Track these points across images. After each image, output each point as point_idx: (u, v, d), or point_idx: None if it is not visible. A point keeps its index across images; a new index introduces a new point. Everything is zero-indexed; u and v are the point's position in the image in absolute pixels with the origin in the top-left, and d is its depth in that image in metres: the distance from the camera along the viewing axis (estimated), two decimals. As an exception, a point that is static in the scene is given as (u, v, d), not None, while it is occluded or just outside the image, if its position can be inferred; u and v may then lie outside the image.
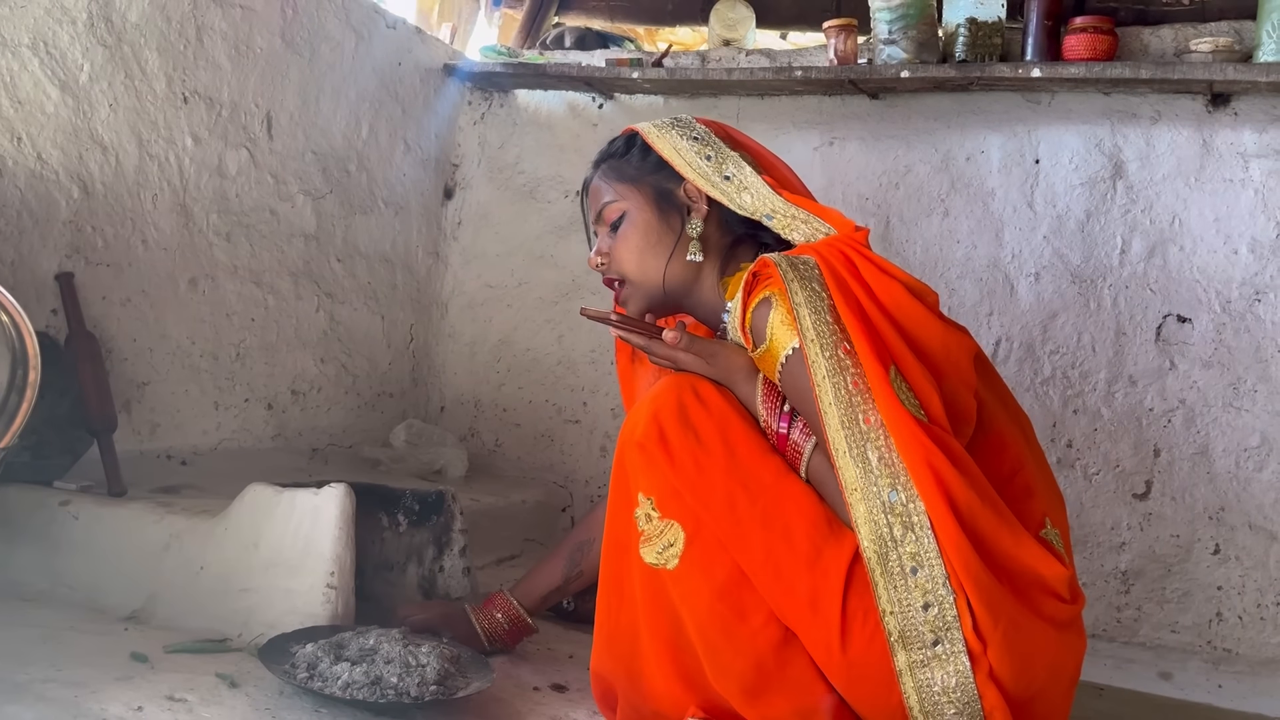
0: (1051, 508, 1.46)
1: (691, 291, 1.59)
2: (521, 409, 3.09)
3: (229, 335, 2.47)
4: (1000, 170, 2.63)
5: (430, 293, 3.16)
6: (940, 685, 1.28)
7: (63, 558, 1.82)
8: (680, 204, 1.58)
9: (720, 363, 1.46)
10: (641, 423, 1.40)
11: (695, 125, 1.61)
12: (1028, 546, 1.32)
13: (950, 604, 1.27)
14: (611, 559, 1.47)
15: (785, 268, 1.38)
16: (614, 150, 1.65)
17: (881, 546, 1.29)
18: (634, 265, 1.57)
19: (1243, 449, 2.41)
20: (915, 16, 2.53)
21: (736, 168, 1.55)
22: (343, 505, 1.69)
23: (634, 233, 1.57)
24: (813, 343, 1.34)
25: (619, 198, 1.60)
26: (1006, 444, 1.45)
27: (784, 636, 1.35)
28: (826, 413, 1.33)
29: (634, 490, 1.41)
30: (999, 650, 1.27)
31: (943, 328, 1.40)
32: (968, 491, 1.29)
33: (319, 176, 2.68)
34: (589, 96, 3.03)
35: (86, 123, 2.09)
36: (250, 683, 1.48)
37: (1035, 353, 2.58)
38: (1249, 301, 2.41)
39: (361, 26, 2.74)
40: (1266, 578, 2.37)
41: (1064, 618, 1.36)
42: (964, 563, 1.27)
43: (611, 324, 1.50)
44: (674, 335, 1.46)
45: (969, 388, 1.40)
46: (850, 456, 1.32)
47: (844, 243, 1.45)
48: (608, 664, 1.49)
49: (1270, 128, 2.40)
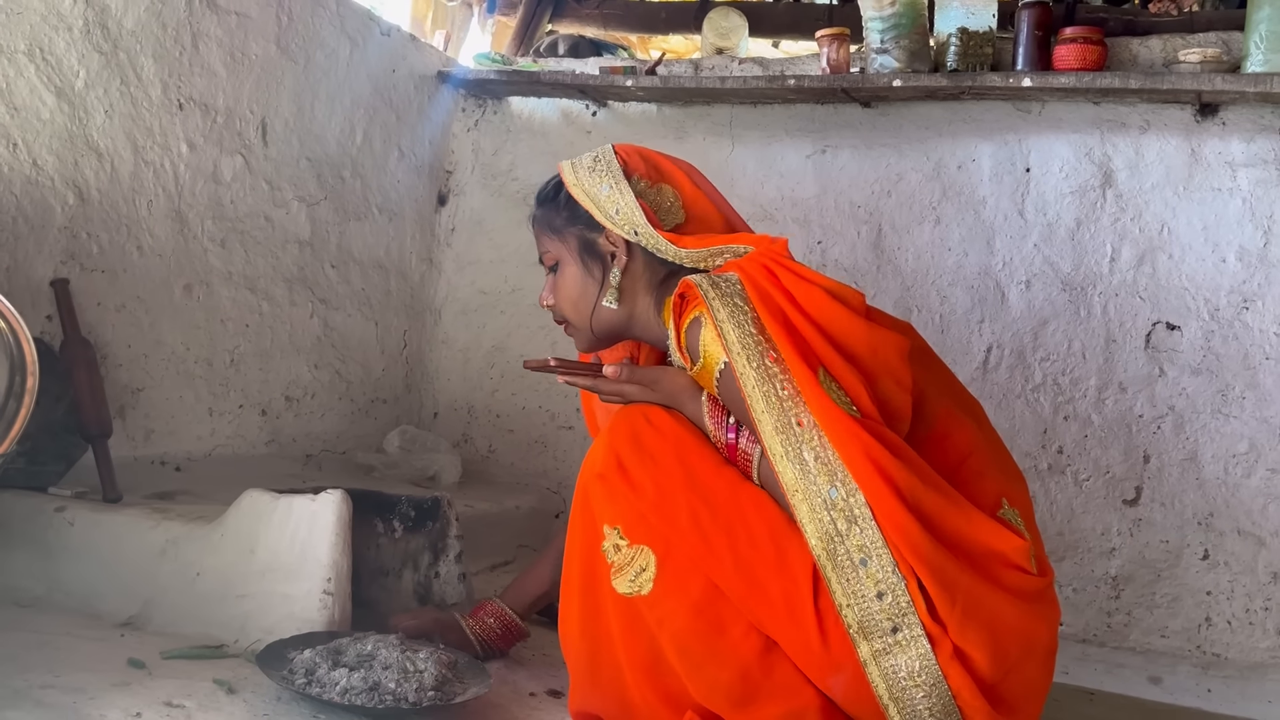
0: (1008, 488, 1.48)
1: (629, 328, 1.64)
2: (515, 415, 3.09)
3: (223, 341, 2.47)
4: (991, 178, 2.65)
5: (424, 299, 3.16)
6: (905, 671, 1.30)
7: (58, 564, 1.81)
8: (603, 253, 1.62)
9: (664, 387, 1.51)
10: (600, 456, 1.45)
11: (612, 168, 1.61)
12: (978, 523, 1.35)
13: (903, 589, 1.29)
14: (580, 595, 1.49)
15: (706, 287, 1.43)
16: (545, 195, 1.69)
17: (828, 543, 1.31)
18: (570, 311, 1.65)
19: (1231, 455, 2.43)
20: (907, 26, 2.55)
21: (640, 224, 1.56)
22: (339, 511, 1.70)
23: (565, 283, 1.65)
24: (739, 355, 1.39)
25: (550, 249, 1.66)
26: (951, 434, 1.48)
27: (765, 644, 1.37)
28: (760, 420, 1.37)
29: (599, 523, 1.44)
30: (959, 628, 1.29)
31: (867, 328, 1.43)
32: (909, 476, 1.31)
33: (313, 183, 2.68)
34: (583, 104, 3.05)
35: (82, 129, 2.10)
36: (248, 688, 1.48)
37: (1026, 360, 2.60)
38: (1237, 309, 2.44)
39: (356, 34, 2.75)
40: (1255, 583, 2.39)
41: (1031, 589, 1.37)
42: (911, 547, 1.29)
43: (554, 371, 1.54)
44: (615, 370, 1.51)
45: (902, 386, 1.43)
46: (788, 459, 1.35)
47: (764, 256, 1.49)
48: (595, 702, 1.51)
49: (1258, 137, 2.43)
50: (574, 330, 1.67)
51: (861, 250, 2.76)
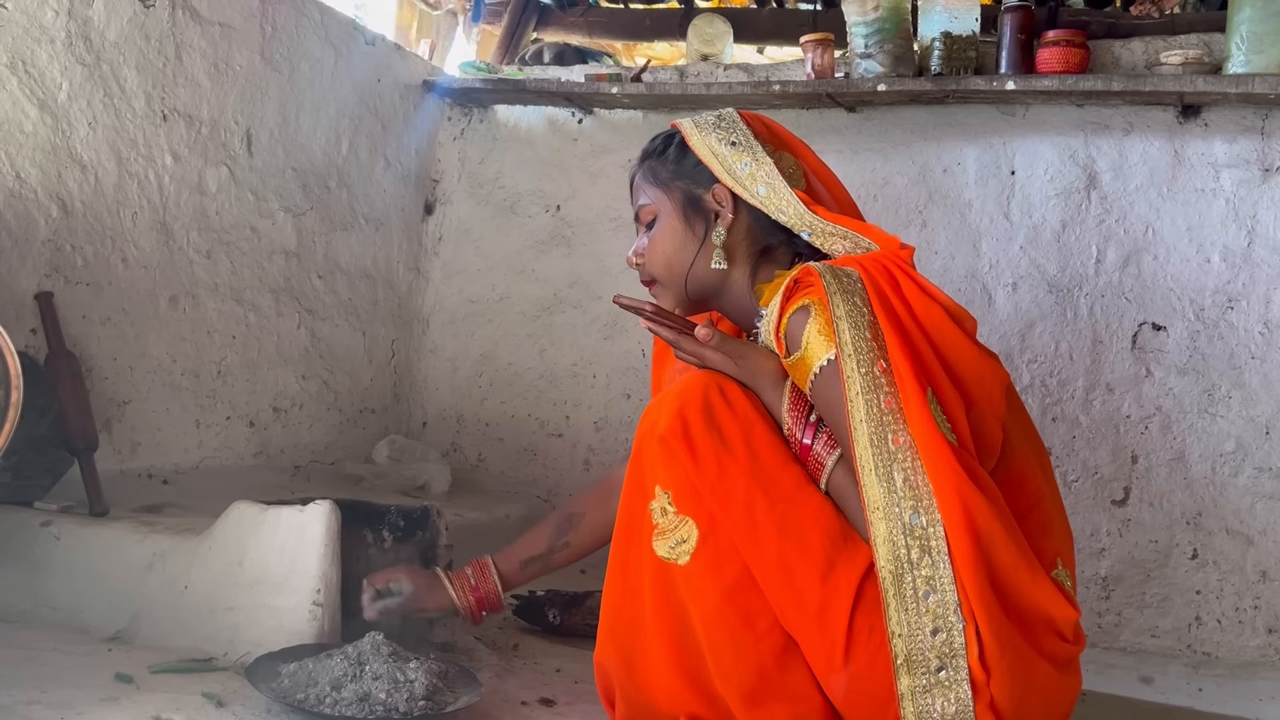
0: (1063, 547, 1.46)
1: (720, 295, 1.58)
2: (504, 424, 3.09)
3: (210, 353, 2.46)
4: (977, 182, 2.66)
5: (411, 308, 3.16)
6: (939, 712, 1.27)
7: (45, 578, 1.80)
8: (708, 210, 1.56)
9: (748, 365, 1.45)
10: (665, 416, 1.39)
11: (738, 127, 1.58)
12: (1042, 585, 1.32)
13: (959, 631, 1.27)
14: (621, 548, 1.46)
15: (829, 278, 1.37)
16: (654, 149, 1.63)
17: (898, 567, 1.29)
18: (661, 269, 1.58)
19: (1218, 454, 2.44)
20: (891, 31, 2.56)
21: (771, 181, 1.53)
22: (328, 522, 1.69)
23: (662, 237, 1.58)
24: (850, 357, 1.34)
25: (651, 200, 1.60)
26: (1027, 478, 1.45)
27: (786, 644, 1.35)
28: (856, 429, 1.33)
29: (651, 483, 1.40)
30: (1002, 682, 1.27)
31: (978, 355, 1.40)
32: (992, 521, 1.28)
33: (299, 193, 2.67)
34: (568, 112, 3.05)
35: (65, 141, 2.09)
36: (237, 702, 1.47)
37: (1014, 362, 2.60)
38: (1222, 309, 2.45)
39: (340, 43, 2.74)
40: (1244, 581, 2.40)
41: (1064, 657, 1.36)
42: (978, 591, 1.27)
43: (644, 314, 1.48)
44: (706, 332, 1.45)
45: (997, 418, 1.40)
46: (876, 475, 1.31)
47: (889, 259, 1.44)
48: (609, 655, 1.48)
49: (1240, 138, 2.45)
50: (661, 290, 1.59)
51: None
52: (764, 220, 1.55)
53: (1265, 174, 2.43)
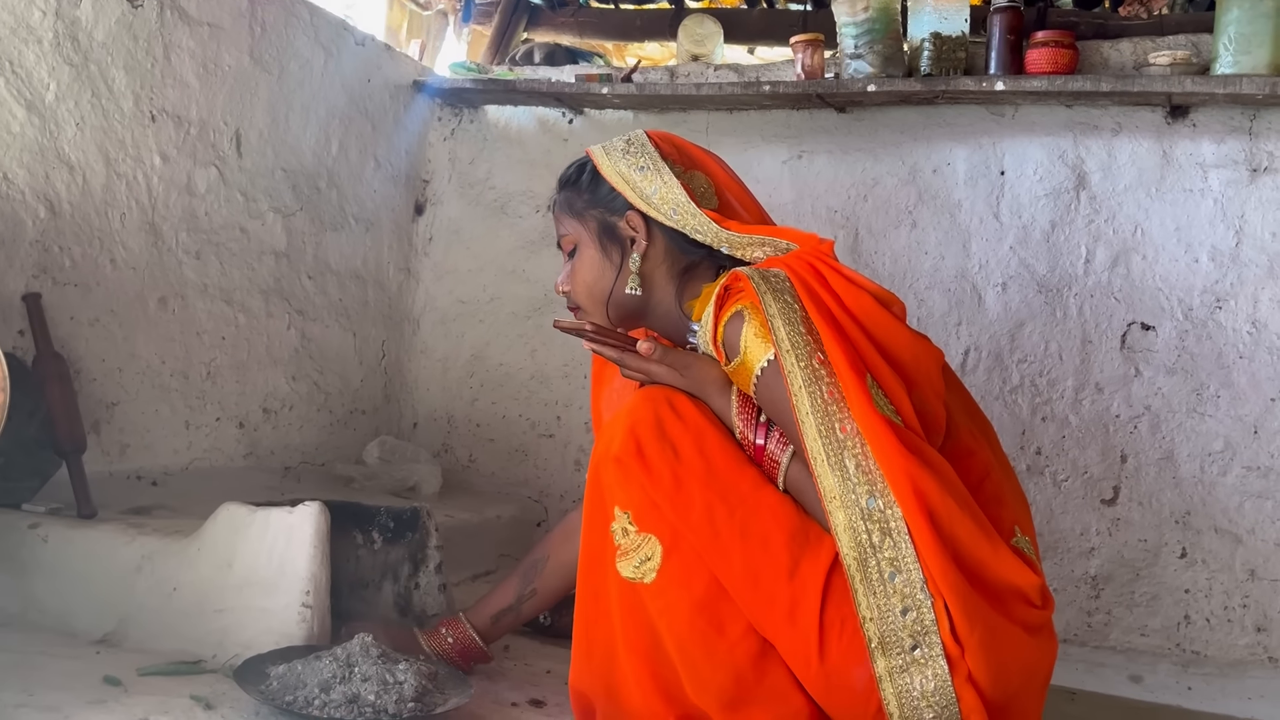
0: (1020, 515, 1.48)
1: (646, 316, 1.61)
2: (495, 424, 3.08)
3: (199, 354, 2.45)
4: (966, 182, 2.67)
5: (402, 309, 3.15)
6: (919, 690, 1.29)
7: (32, 581, 1.79)
8: (624, 237, 1.59)
9: (694, 374, 1.46)
10: (619, 437, 1.41)
11: (646, 150, 1.59)
12: (1003, 555, 1.34)
13: (928, 608, 1.28)
14: (588, 574, 1.47)
15: (758, 280, 1.40)
16: (568, 177, 1.66)
17: (861, 553, 1.30)
18: (584, 297, 1.61)
19: (1207, 454, 2.45)
20: (881, 31, 2.57)
21: (680, 203, 1.54)
22: (317, 523, 1.68)
23: (582, 266, 1.61)
24: (788, 353, 1.35)
25: (569, 231, 1.63)
26: (973, 450, 1.47)
27: (762, 648, 1.36)
28: (804, 422, 1.34)
29: (610, 504, 1.41)
30: (976, 654, 1.28)
31: (911, 336, 1.42)
32: (945, 498, 1.30)
33: (289, 194, 2.67)
34: (559, 112, 3.05)
35: (53, 142, 2.08)
36: (226, 704, 1.46)
37: (1003, 361, 2.61)
38: (1210, 309, 2.46)
39: (330, 44, 2.74)
40: (1233, 580, 2.41)
41: (1036, 622, 1.38)
42: (941, 568, 1.28)
43: (585, 336, 1.50)
44: (648, 346, 1.46)
45: (938, 396, 1.42)
46: (829, 465, 1.32)
47: (811, 255, 1.47)
48: (586, 679, 1.49)
49: (1228, 138, 2.45)
50: (587, 317, 1.62)
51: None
52: (682, 239, 1.57)
53: (1253, 174, 2.44)
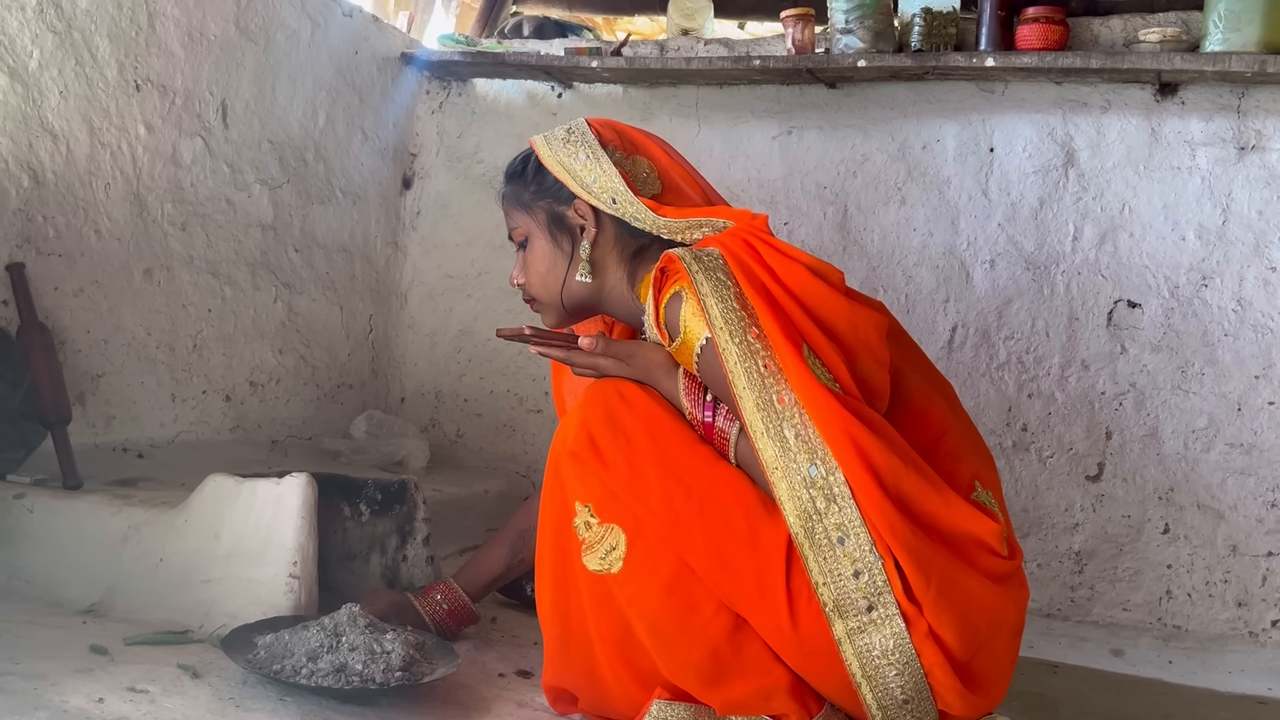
0: (981, 470, 1.49)
1: (601, 303, 1.63)
2: (483, 399, 3.08)
3: (185, 326, 2.44)
4: (956, 159, 2.67)
5: (389, 283, 3.14)
6: (880, 649, 1.31)
7: (18, 551, 1.79)
8: (572, 225, 1.60)
9: (639, 362, 1.49)
10: (571, 432, 1.43)
11: (585, 139, 1.60)
12: (957, 506, 1.35)
13: (879, 569, 1.30)
14: (557, 571, 1.48)
15: (689, 260, 1.42)
16: (514, 170, 1.67)
17: (807, 521, 1.32)
18: (539, 288, 1.64)
19: (1191, 430, 2.46)
20: (871, 6, 2.56)
21: (618, 190, 1.55)
22: (305, 495, 1.68)
23: (534, 258, 1.63)
24: (721, 330, 1.38)
25: (519, 224, 1.64)
26: (928, 411, 1.49)
27: (735, 622, 1.37)
28: (742, 397, 1.36)
29: (570, 499, 1.43)
30: (934, 609, 1.29)
31: (849, 305, 1.43)
32: (889, 457, 1.32)
33: (275, 166, 2.65)
34: (548, 85, 3.03)
35: (36, 110, 2.06)
36: (213, 673, 1.47)
37: (991, 338, 2.62)
38: (1196, 287, 2.47)
39: (318, 14, 2.71)
40: (1214, 556, 2.43)
41: (1002, 571, 1.39)
42: (889, 526, 1.29)
43: (528, 341, 1.51)
44: (590, 342, 1.48)
45: (881, 364, 1.43)
46: (768, 436, 1.34)
47: (745, 231, 1.48)
48: (568, 677, 1.51)
49: (1216, 116, 2.46)
50: (543, 307, 1.66)
51: (828, 231, 2.77)
52: (628, 224, 1.58)
53: (1241, 152, 2.44)
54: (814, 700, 1.39)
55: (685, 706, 1.41)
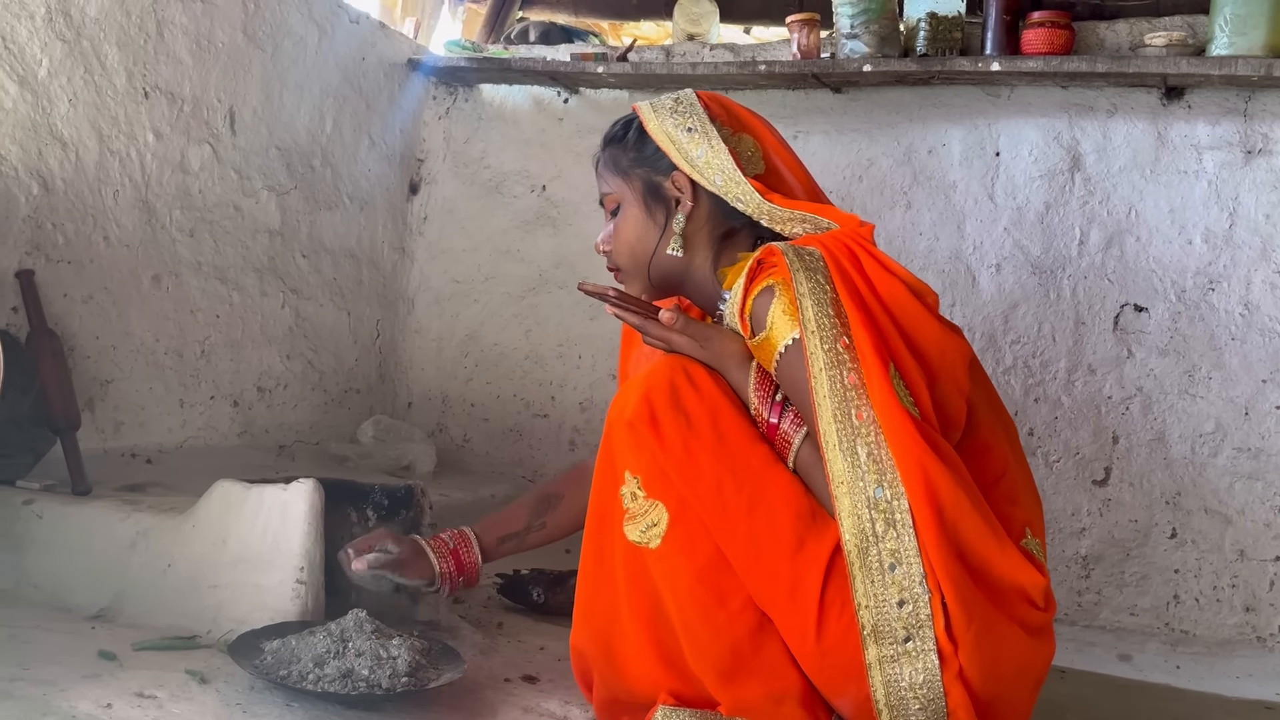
0: (1032, 517, 1.47)
1: (685, 281, 1.59)
2: (489, 404, 3.09)
3: (193, 332, 2.45)
4: (961, 163, 2.67)
5: (396, 288, 3.15)
6: (908, 681, 1.29)
7: (27, 557, 1.80)
8: (668, 197, 1.57)
9: (714, 347, 1.45)
10: (632, 402, 1.40)
11: (694, 110, 1.57)
12: (1010, 554, 1.33)
13: (925, 602, 1.28)
14: (594, 534, 1.47)
15: (792, 257, 1.38)
16: (614, 134, 1.63)
17: (863, 541, 1.30)
18: (625, 257, 1.59)
19: (1198, 435, 2.46)
20: (876, 11, 2.56)
21: (726, 168, 1.52)
22: (311, 500, 1.69)
23: (625, 226, 1.59)
24: (813, 334, 1.35)
25: (613, 189, 1.60)
26: (992, 449, 1.46)
27: (760, 621, 1.36)
28: (820, 405, 1.34)
29: (620, 468, 1.41)
30: (969, 651, 1.28)
31: (940, 330, 1.41)
32: (956, 492, 1.30)
33: (283, 172, 2.66)
34: (554, 91, 3.04)
35: (45, 118, 2.07)
36: (220, 679, 1.47)
37: (997, 342, 2.62)
38: (1203, 291, 2.47)
39: (324, 21, 2.73)
40: (1222, 560, 2.43)
41: (1036, 624, 1.37)
42: (943, 563, 1.28)
43: (608, 300, 1.48)
44: (670, 316, 1.45)
45: (961, 392, 1.41)
46: (840, 450, 1.32)
47: (849, 237, 1.45)
48: (585, 640, 1.49)
49: (1223, 120, 2.45)
50: (626, 277, 1.60)
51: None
52: (725, 204, 1.54)
53: (1247, 156, 2.44)
54: (824, 712, 1.38)
55: (690, 713, 1.40)
